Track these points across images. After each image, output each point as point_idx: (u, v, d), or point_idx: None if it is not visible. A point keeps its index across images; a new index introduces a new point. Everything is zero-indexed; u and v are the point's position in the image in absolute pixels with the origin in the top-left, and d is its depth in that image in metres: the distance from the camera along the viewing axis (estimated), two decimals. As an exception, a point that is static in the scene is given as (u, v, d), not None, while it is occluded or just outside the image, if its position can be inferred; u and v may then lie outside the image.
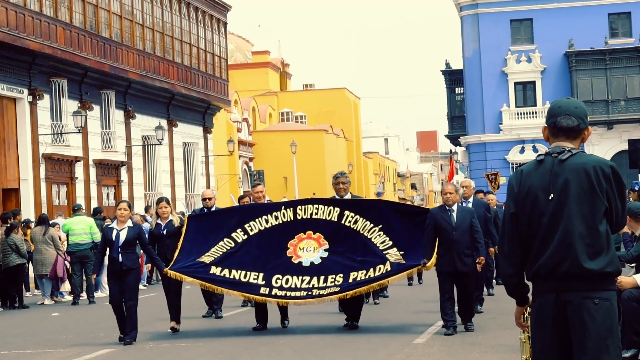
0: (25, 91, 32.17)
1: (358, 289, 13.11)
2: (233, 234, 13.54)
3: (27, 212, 30.47)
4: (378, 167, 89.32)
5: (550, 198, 4.93)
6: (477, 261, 12.67)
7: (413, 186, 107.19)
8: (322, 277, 13.19)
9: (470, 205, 14.71)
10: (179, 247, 13.45)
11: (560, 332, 4.90)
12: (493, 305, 16.53)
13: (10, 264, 19.90)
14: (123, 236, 12.87)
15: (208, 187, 47.63)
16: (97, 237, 20.12)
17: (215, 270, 13.28)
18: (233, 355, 11.48)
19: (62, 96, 34.26)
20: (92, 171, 36.69)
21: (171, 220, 14.16)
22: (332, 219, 13.49)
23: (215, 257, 13.37)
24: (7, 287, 20.20)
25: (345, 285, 13.10)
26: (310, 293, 13.14)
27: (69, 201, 34.02)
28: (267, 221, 13.57)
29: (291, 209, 13.65)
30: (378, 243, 13.33)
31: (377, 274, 13.14)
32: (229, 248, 13.45)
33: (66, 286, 21.96)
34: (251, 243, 13.48)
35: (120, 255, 12.81)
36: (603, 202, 4.86)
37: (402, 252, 13.17)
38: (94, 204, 34.51)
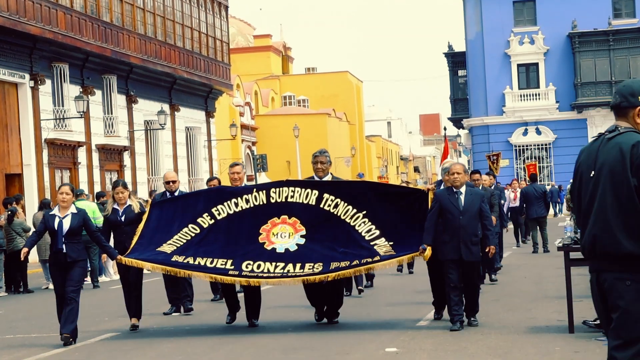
0: (27, 76, 32.12)
1: (341, 272, 11.66)
2: (199, 219, 12.19)
3: (30, 197, 30.49)
4: (381, 151, 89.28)
5: (591, 176, 4.94)
6: (486, 250, 11.57)
7: (416, 169, 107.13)
8: (298, 264, 11.75)
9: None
10: (138, 234, 12.21)
11: (606, 308, 4.94)
12: (497, 285, 16.53)
13: (15, 248, 19.90)
14: (67, 224, 11.54)
15: (211, 172, 47.63)
16: (100, 221, 20.10)
17: (177, 258, 11.94)
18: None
19: (64, 81, 34.21)
20: (95, 156, 36.68)
21: (130, 206, 12.73)
22: (310, 203, 12.07)
23: (178, 245, 12.04)
24: (12, 271, 20.21)
25: (326, 270, 11.66)
26: (285, 274, 11.72)
27: (74, 185, 34.00)
28: (237, 205, 12.20)
29: (264, 191, 12.26)
30: (363, 232, 11.88)
31: (362, 262, 11.72)
32: (193, 235, 12.12)
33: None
34: (219, 229, 12.12)
35: (64, 245, 11.46)
36: (633, 180, 4.81)
37: (391, 243, 11.75)
38: (97, 188, 34.50)
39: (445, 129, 35.27)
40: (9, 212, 20.29)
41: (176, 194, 13.68)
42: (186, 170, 45.06)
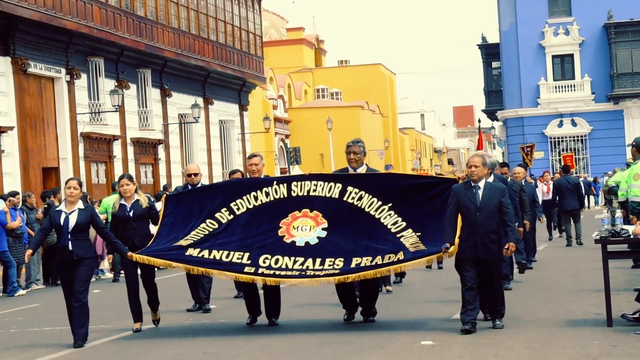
0: (63, 71, 32.35)
1: (362, 273, 11.08)
2: (217, 214, 11.75)
3: (67, 190, 30.65)
4: (414, 143, 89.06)
5: None
6: (505, 247, 10.76)
7: (450, 161, 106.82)
8: (318, 260, 11.23)
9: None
10: (156, 233, 11.74)
11: None
12: (534, 278, 16.46)
13: (52, 242, 20.04)
14: (73, 220, 10.98)
15: (244, 165, 47.75)
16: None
17: (192, 252, 11.48)
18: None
19: (99, 75, 34.43)
20: (130, 149, 36.89)
21: (137, 201, 12.11)
22: (333, 196, 11.60)
23: (194, 239, 11.58)
24: (50, 264, 20.39)
25: (346, 269, 11.13)
26: (303, 273, 11.18)
27: (107, 179, 34.24)
28: (256, 198, 11.74)
29: (285, 185, 11.78)
30: (389, 224, 11.37)
31: (386, 261, 11.11)
32: (211, 230, 11.66)
33: (106, 263, 22.14)
34: (238, 223, 11.66)
35: (70, 242, 10.93)
36: None
37: (418, 233, 11.23)
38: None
39: (479, 121, 35.08)
40: (46, 206, 20.46)
41: (198, 186, 13.14)
42: (220, 163, 45.19)
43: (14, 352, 10.80)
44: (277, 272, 11.22)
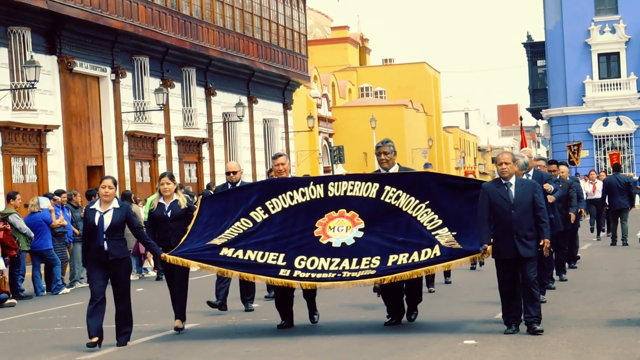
0: (109, 69, 32.63)
1: (399, 274, 10.87)
2: (251, 213, 11.58)
3: (112, 189, 30.90)
4: (458, 142, 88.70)
5: None
6: (540, 243, 10.45)
7: (494, 160, 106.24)
8: (354, 259, 11.07)
9: (530, 177, 12.39)
10: (189, 230, 11.58)
11: None
12: (578, 277, 16.33)
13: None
14: (108, 220, 10.77)
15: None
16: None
17: (226, 251, 11.29)
18: None
19: (144, 74, 34.67)
20: (174, 148, 37.11)
21: (176, 201, 11.92)
22: (370, 196, 11.43)
23: (229, 238, 11.40)
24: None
25: (383, 269, 10.93)
26: (339, 275, 10.98)
27: (152, 178, 34.49)
28: (292, 198, 11.59)
29: (322, 185, 11.61)
30: (425, 222, 11.20)
31: (423, 258, 10.92)
32: (246, 229, 11.49)
33: (150, 262, 22.28)
34: (273, 222, 11.50)
35: (106, 242, 10.71)
36: None
37: (454, 233, 11.03)
38: (177, 180, 34.82)
39: (521, 118, 34.79)
40: (126, 204, 20.58)
41: (238, 185, 12.93)
42: (263, 162, 45.34)
43: (58, 351, 10.89)
44: (313, 275, 11.06)
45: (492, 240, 10.50)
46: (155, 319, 13.26)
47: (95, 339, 10.60)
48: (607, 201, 24.46)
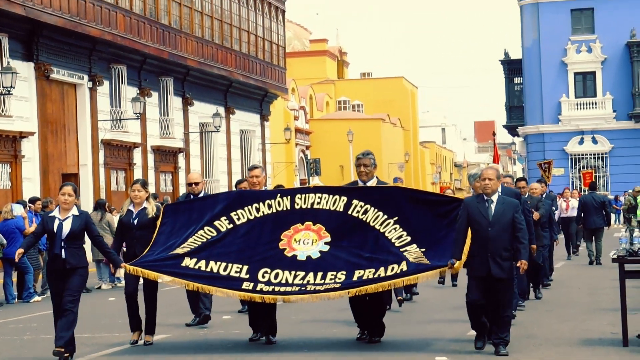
0: (86, 77, 32.51)
1: (364, 287, 10.64)
2: (216, 222, 11.35)
3: (86, 197, 30.83)
4: (435, 157, 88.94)
5: None
6: (517, 264, 10.21)
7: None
8: (319, 273, 10.83)
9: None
10: (152, 241, 11.34)
11: None
12: (551, 296, 16.38)
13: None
14: (67, 227, 10.46)
15: (266, 175, 47.72)
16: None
17: (188, 262, 11.05)
18: None
19: (122, 82, 34.58)
20: (150, 157, 37.00)
21: (145, 209, 11.71)
22: (337, 209, 11.21)
23: (192, 247, 11.17)
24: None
25: (348, 283, 10.72)
26: (304, 289, 10.76)
27: (127, 187, 34.34)
28: (258, 210, 11.35)
29: (288, 197, 11.41)
30: (393, 238, 10.96)
31: (389, 273, 10.69)
32: (209, 237, 11.25)
33: (121, 272, 22.13)
34: (237, 233, 11.27)
35: (63, 250, 10.41)
36: None
37: (423, 249, 10.79)
38: (152, 189, 34.75)
39: (494, 134, 34.87)
40: (85, 212, 20.49)
41: (200, 196, 12.74)
42: (240, 173, 45.29)
43: (27, 359, 10.80)
44: (277, 289, 10.82)
45: (465, 257, 10.28)
46: (126, 329, 13.16)
47: (62, 349, 10.31)
48: (581, 219, 24.43)
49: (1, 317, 15.90)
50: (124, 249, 12.22)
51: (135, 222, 11.67)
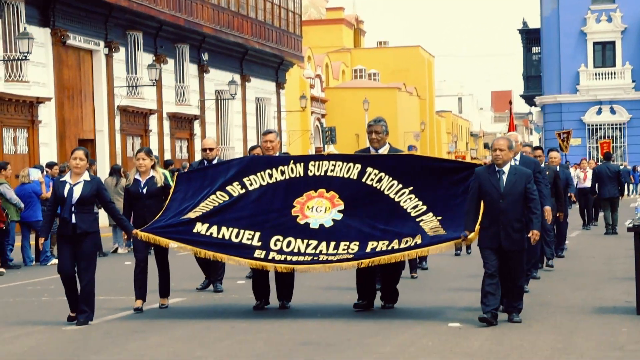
0: (102, 43, 32.52)
1: (376, 258, 10.53)
2: (228, 187, 11.21)
3: (102, 163, 30.95)
4: (451, 126, 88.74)
5: None
6: (529, 235, 10.03)
7: (486, 146, 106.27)
8: (332, 243, 10.72)
9: (517, 163, 11.58)
10: (164, 208, 11.24)
11: None
12: (565, 265, 16.37)
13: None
14: (78, 192, 10.37)
15: (280, 143, 47.74)
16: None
17: (200, 227, 10.93)
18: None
19: (138, 49, 34.59)
20: (166, 124, 37.06)
21: (153, 177, 11.54)
22: (351, 177, 11.05)
23: (203, 211, 11.04)
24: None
25: (361, 254, 10.60)
26: (316, 258, 10.64)
27: (142, 153, 34.42)
28: (270, 176, 11.22)
29: (302, 164, 11.24)
30: (409, 208, 10.79)
31: (402, 246, 10.55)
32: (221, 202, 11.13)
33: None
34: (249, 198, 11.13)
35: (73, 215, 10.30)
36: None
37: (439, 217, 10.64)
38: (167, 156, 34.87)
39: (510, 103, 34.71)
40: (97, 177, 20.57)
41: (214, 162, 12.60)
42: (255, 140, 45.32)
43: (44, 321, 10.90)
44: (289, 258, 10.71)
45: (478, 228, 10.09)
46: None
47: (73, 314, 10.44)
48: (596, 189, 24.34)
49: (19, 279, 16.04)
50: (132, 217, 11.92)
51: (144, 191, 11.50)
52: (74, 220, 10.29)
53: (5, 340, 9.73)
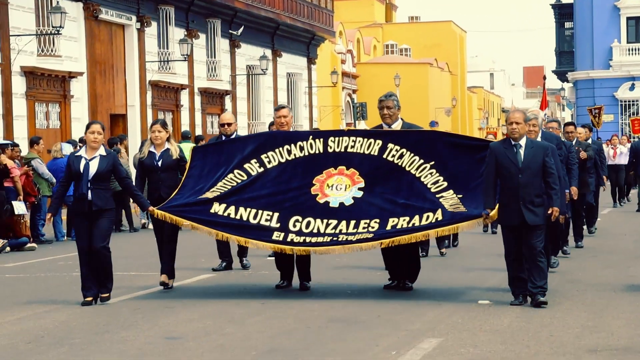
0: (134, 18, 32.58)
1: (397, 238, 10.29)
2: (246, 165, 10.96)
3: (134, 137, 31.08)
4: (482, 102, 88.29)
5: None
6: (549, 212, 9.75)
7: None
8: (352, 222, 10.47)
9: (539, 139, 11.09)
10: (180, 184, 11.01)
11: None
12: (596, 243, 16.30)
13: (116, 188, 20.26)
14: (94, 167, 10.12)
15: (311, 118, 47.78)
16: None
17: (217, 208, 10.69)
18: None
19: (169, 24, 34.63)
20: (197, 99, 37.13)
21: (168, 150, 11.36)
22: (372, 153, 10.81)
23: (221, 191, 10.80)
24: (118, 210, 20.59)
25: (381, 233, 10.36)
26: (335, 239, 10.41)
27: (174, 128, 34.51)
28: (289, 152, 10.95)
29: (321, 139, 10.96)
30: (429, 184, 10.59)
31: (424, 222, 10.32)
32: (239, 181, 10.87)
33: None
34: (268, 176, 10.88)
35: (90, 191, 10.07)
36: None
37: (460, 195, 10.42)
38: (198, 131, 34.97)
39: (544, 78, 34.40)
40: (112, 151, 20.71)
41: (232, 137, 12.37)
42: (286, 116, 45.28)
43: (75, 295, 10.98)
44: (308, 239, 10.49)
45: (497, 205, 9.85)
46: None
47: (89, 299, 10.29)
48: (633, 166, 23.84)
49: (51, 254, 16.19)
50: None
51: (159, 163, 11.31)
52: (89, 196, 10.08)
53: (37, 314, 9.85)
